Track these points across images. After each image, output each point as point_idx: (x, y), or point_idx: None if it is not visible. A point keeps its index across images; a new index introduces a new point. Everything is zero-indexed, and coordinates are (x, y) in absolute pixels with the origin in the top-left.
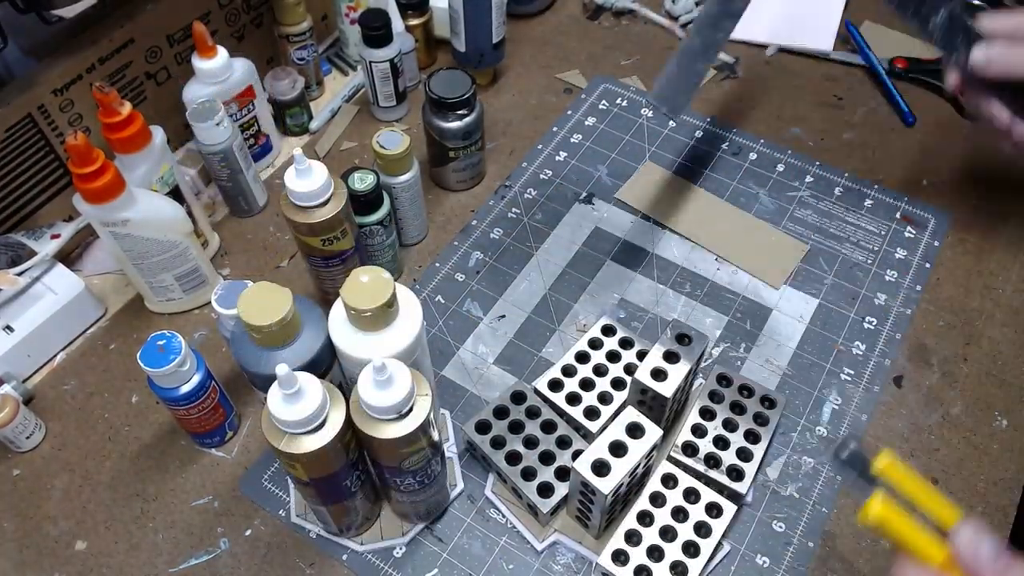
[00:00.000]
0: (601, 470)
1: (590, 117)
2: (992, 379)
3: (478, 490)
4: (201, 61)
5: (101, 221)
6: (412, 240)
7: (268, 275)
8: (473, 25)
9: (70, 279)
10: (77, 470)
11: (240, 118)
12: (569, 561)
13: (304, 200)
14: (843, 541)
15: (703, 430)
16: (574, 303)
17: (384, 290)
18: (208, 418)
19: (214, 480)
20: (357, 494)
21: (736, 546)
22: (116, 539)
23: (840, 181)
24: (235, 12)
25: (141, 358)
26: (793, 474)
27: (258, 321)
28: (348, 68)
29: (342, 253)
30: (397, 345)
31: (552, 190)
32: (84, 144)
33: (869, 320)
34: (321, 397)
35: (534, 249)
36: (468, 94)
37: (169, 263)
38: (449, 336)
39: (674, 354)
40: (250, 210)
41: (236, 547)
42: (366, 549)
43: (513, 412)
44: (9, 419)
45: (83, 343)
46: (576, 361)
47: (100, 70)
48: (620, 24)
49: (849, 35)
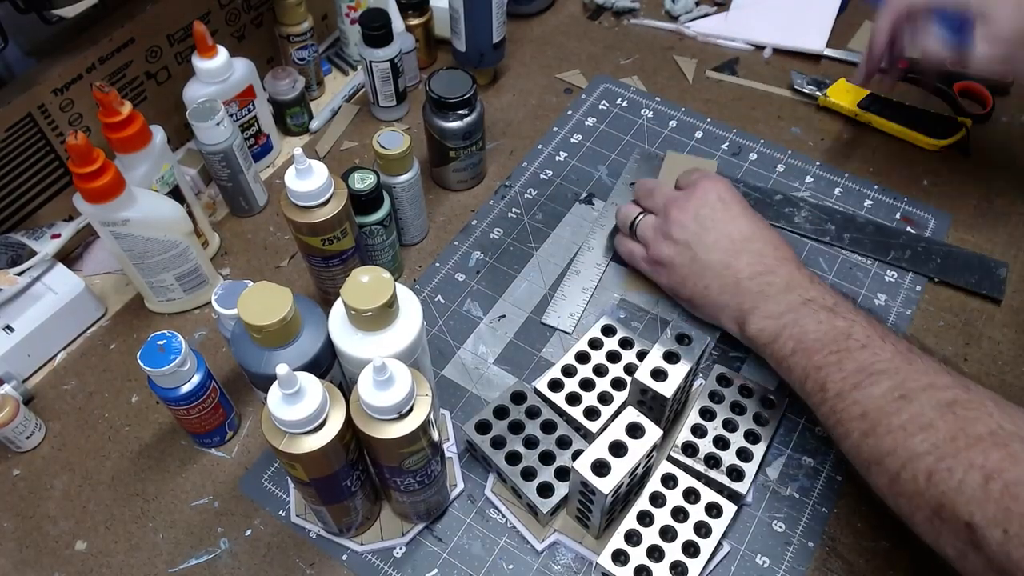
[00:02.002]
0: (601, 470)
1: (590, 117)
2: (992, 379)
3: (478, 490)
4: (201, 61)
5: (101, 221)
6: (412, 240)
7: (268, 275)
8: (473, 25)
9: (70, 279)
10: (77, 470)
11: (240, 118)
12: (569, 561)
13: (304, 200)
14: (843, 541)
15: (703, 430)
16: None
17: (384, 290)
18: (208, 418)
19: (214, 480)
20: (357, 494)
21: (736, 546)
22: (116, 539)
23: (840, 181)
24: (235, 12)
25: (141, 358)
26: (793, 474)
27: (258, 321)
28: (348, 68)
29: (342, 253)
30: (397, 345)
31: (552, 190)
32: (84, 144)
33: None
34: (321, 397)
35: (534, 249)
36: (468, 94)
37: (169, 263)
38: (449, 336)
39: (674, 354)
40: (250, 210)
41: (236, 547)
42: (366, 549)
43: (513, 412)
44: (9, 419)
45: (83, 343)
46: (576, 361)
47: (100, 70)
48: (620, 24)
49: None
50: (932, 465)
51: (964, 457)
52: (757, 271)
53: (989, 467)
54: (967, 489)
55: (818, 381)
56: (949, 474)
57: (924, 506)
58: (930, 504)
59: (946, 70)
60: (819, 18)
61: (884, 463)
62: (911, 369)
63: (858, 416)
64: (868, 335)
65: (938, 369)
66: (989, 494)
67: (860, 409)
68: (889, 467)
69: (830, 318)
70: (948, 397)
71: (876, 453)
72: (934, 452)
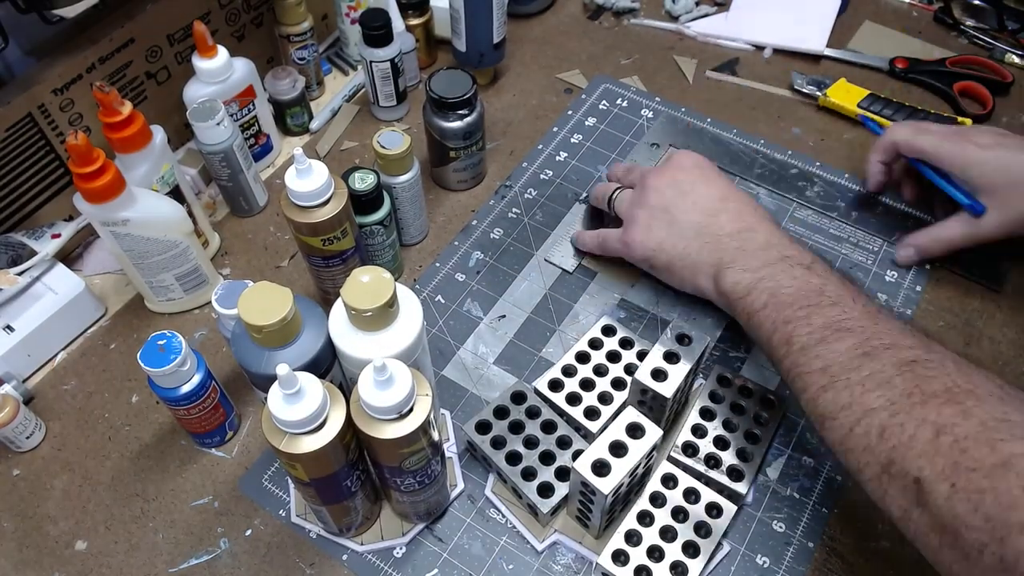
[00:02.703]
0: (601, 470)
1: (590, 117)
2: None
3: (478, 490)
4: (201, 61)
5: (101, 221)
6: (412, 240)
7: (268, 275)
8: (473, 25)
9: (70, 279)
10: (77, 470)
11: (240, 118)
12: (569, 561)
13: (304, 200)
14: (843, 541)
15: (703, 430)
16: (574, 303)
17: (384, 290)
18: (208, 418)
19: (214, 480)
20: (357, 494)
21: (736, 546)
22: (116, 539)
23: (840, 181)
24: (235, 12)
25: (141, 358)
26: (793, 474)
27: (258, 321)
28: (348, 68)
29: (342, 253)
30: (397, 345)
31: (552, 190)
32: (84, 144)
33: None
34: (321, 397)
35: (534, 249)
36: (469, 94)
37: (169, 263)
38: (449, 336)
39: (674, 354)
40: (250, 210)
41: (236, 547)
42: (366, 549)
43: (513, 412)
44: (9, 419)
45: (83, 343)
46: (576, 361)
47: (100, 69)
48: (620, 24)
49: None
50: (886, 420)
51: (918, 413)
52: (737, 228)
53: (941, 422)
54: (917, 444)
55: (785, 335)
56: (901, 429)
57: (874, 462)
58: (880, 460)
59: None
60: (819, 18)
61: (839, 417)
62: (876, 328)
63: (819, 370)
64: (839, 293)
65: (903, 329)
66: (938, 448)
67: (821, 363)
68: (843, 421)
69: (805, 275)
70: (909, 356)
71: (832, 407)
72: (888, 408)
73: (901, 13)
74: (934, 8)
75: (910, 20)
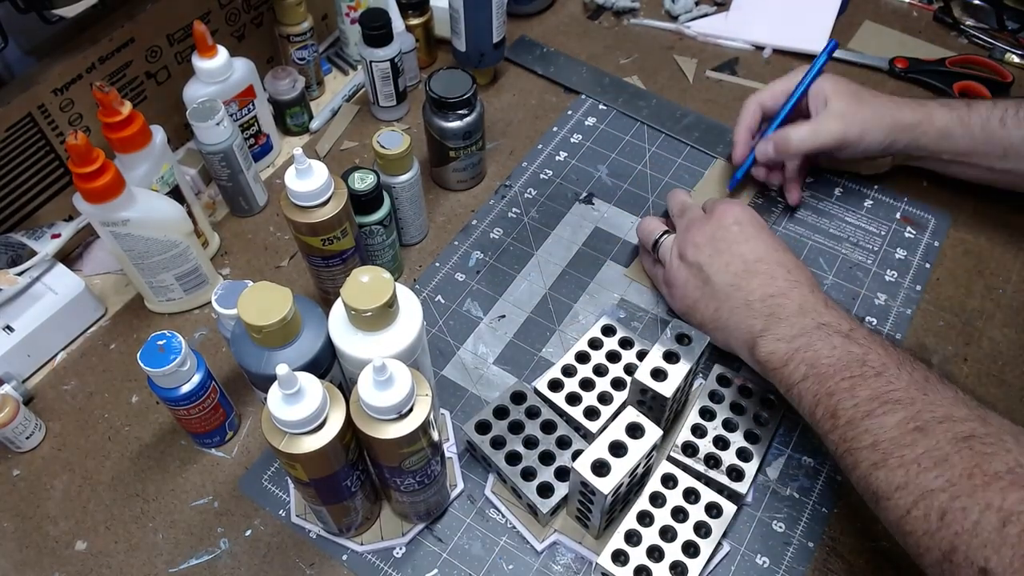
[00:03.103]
0: (601, 470)
1: (590, 117)
2: (992, 379)
3: (478, 490)
4: (201, 61)
5: (101, 221)
6: (412, 240)
7: (268, 275)
8: (473, 25)
9: (70, 279)
10: (77, 470)
11: (240, 118)
12: (569, 561)
13: (304, 200)
14: (843, 541)
15: (703, 430)
16: (574, 303)
17: (384, 290)
18: (208, 418)
19: (214, 480)
20: (357, 494)
21: (736, 546)
22: (116, 539)
23: (840, 181)
24: (235, 12)
25: (141, 358)
26: (793, 474)
27: (258, 321)
28: (348, 68)
29: (342, 253)
30: (397, 345)
31: (552, 190)
32: (84, 144)
33: (869, 320)
34: (321, 397)
35: (534, 249)
36: (468, 94)
37: (169, 263)
38: (449, 336)
39: (674, 354)
40: (250, 210)
41: (236, 547)
42: (366, 549)
43: (513, 412)
44: (9, 419)
45: (83, 343)
46: (576, 361)
47: (100, 69)
48: (620, 24)
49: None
50: (946, 503)
51: (980, 496)
52: (768, 292)
53: (1007, 508)
54: (982, 532)
55: (829, 408)
56: (963, 514)
57: (935, 547)
58: (941, 546)
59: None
60: (819, 18)
61: (893, 498)
62: (927, 400)
63: (869, 446)
64: (884, 362)
65: (955, 400)
66: (1006, 538)
67: (871, 439)
68: (899, 503)
69: (845, 343)
70: (965, 430)
71: (886, 487)
72: (948, 489)
73: (901, 13)
74: (934, 8)
75: (910, 20)
